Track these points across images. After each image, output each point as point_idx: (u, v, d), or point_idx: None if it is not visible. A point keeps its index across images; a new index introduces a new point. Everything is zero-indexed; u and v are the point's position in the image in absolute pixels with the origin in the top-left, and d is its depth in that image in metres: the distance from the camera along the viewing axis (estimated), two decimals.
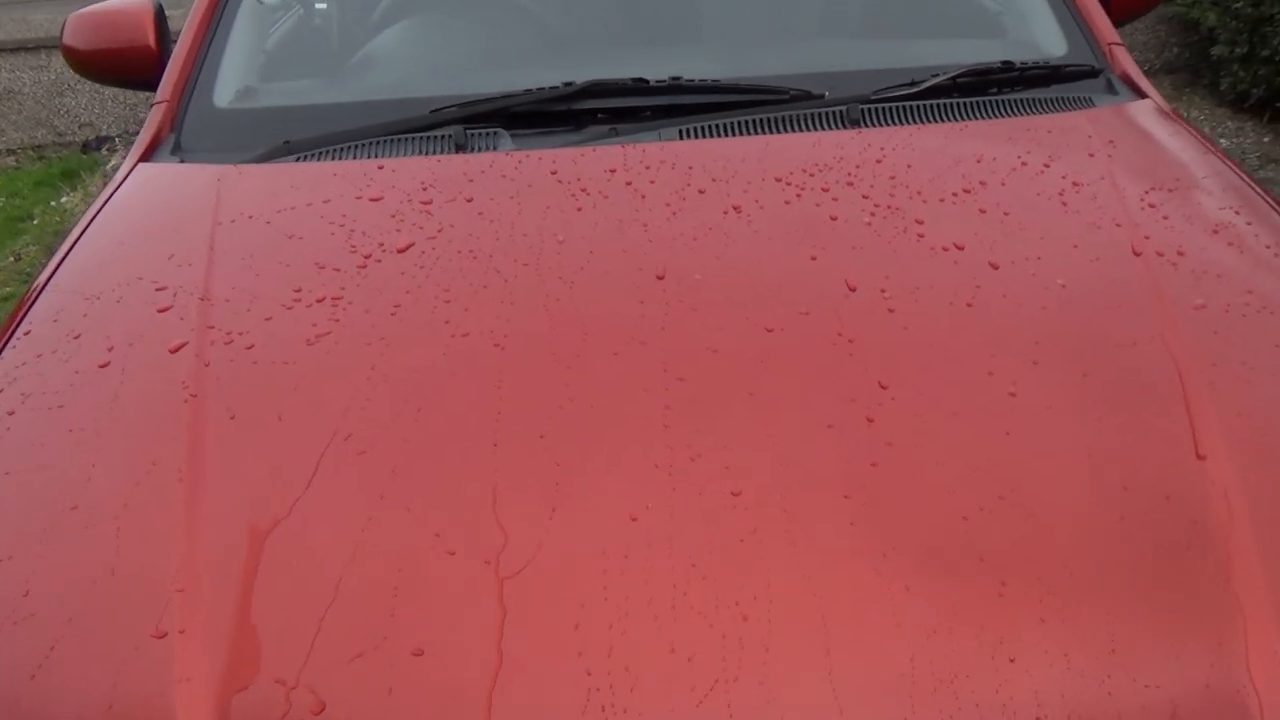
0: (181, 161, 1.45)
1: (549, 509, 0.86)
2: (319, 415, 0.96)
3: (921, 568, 0.81)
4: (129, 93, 4.61)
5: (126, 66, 1.78)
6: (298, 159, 1.40)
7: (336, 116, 1.47)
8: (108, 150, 4.95)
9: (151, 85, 1.69)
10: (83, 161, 4.82)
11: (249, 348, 1.05)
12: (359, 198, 1.29)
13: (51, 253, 1.33)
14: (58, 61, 4.93)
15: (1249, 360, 1.01)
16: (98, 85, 5.12)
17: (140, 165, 1.46)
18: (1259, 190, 1.33)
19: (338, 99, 1.60)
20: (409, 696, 0.75)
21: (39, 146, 5.05)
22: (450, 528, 0.85)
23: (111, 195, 1.40)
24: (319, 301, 1.11)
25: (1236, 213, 1.25)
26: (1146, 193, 1.26)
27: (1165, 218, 1.22)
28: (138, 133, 1.55)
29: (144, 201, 1.39)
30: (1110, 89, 1.57)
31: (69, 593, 0.83)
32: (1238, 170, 1.37)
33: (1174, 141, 1.42)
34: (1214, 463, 0.90)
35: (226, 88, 1.59)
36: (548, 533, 0.84)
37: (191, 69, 1.59)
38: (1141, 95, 1.56)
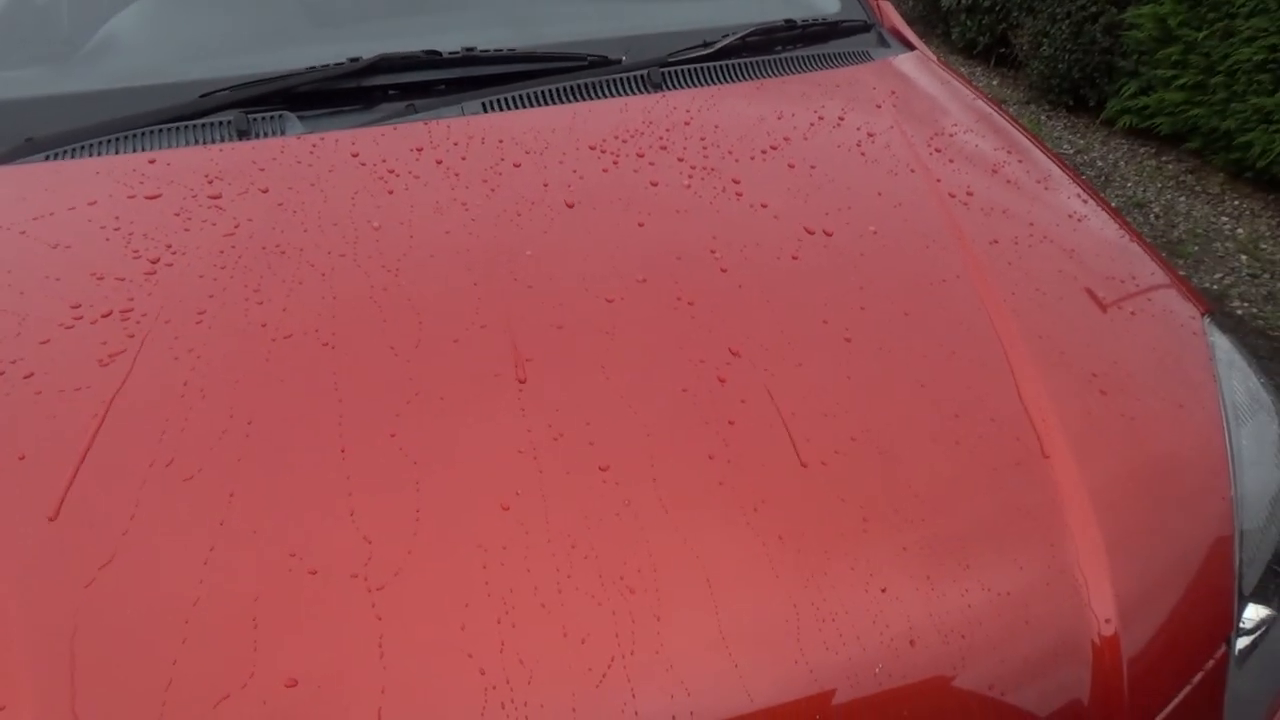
0: None
1: (413, 511, 0.81)
2: (130, 443, 0.86)
3: (790, 516, 0.83)
4: None
5: None
6: (46, 158, 1.23)
7: (85, 107, 1.30)
8: None
9: None
10: None
11: (27, 378, 0.92)
12: (132, 196, 1.15)
13: None
14: None
15: (1040, 287, 1.11)
16: None
17: None
18: (1022, 129, 1.46)
19: (84, 87, 1.42)
20: None
21: None
22: (307, 545, 0.79)
23: None
24: (105, 316, 0.98)
25: (1009, 152, 1.37)
26: (932, 138, 1.35)
27: (951, 161, 1.31)
28: None
29: None
30: (882, 42, 1.66)
31: None
32: (1002, 112, 1.50)
33: (946, 89, 1.53)
34: (1026, 381, 0.98)
35: None
36: (415, 535, 0.80)
37: None
38: (911, 47, 1.66)
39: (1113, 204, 3.74)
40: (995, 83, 4.97)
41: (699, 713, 0.73)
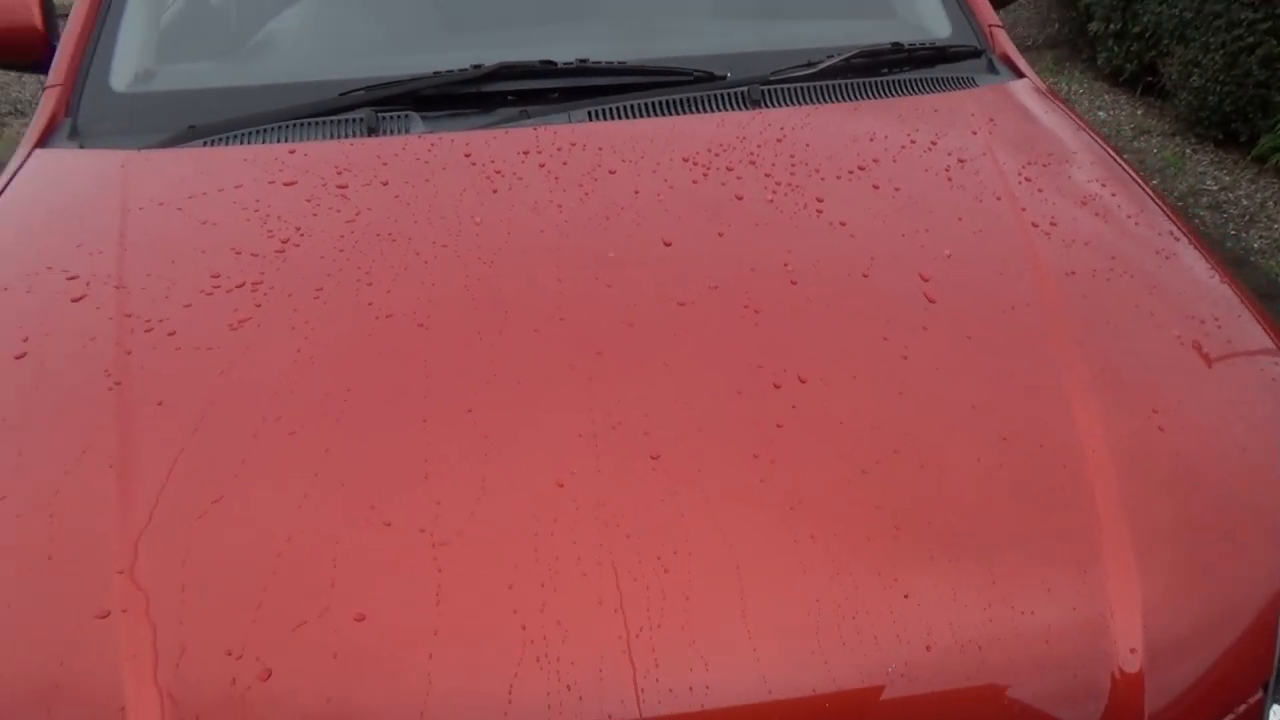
0: (81, 147, 1.43)
1: (479, 479, 0.90)
2: (248, 398, 0.98)
3: (824, 517, 0.88)
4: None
5: (10, 48, 1.72)
6: (205, 144, 1.39)
7: (241, 100, 1.47)
8: None
9: (41, 68, 1.64)
10: None
11: (170, 334, 1.06)
12: (272, 182, 1.29)
13: None
14: None
15: (1113, 320, 1.12)
16: None
17: (37, 151, 1.42)
18: (1123, 163, 1.45)
19: (242, 82, 1.59)
20: (353, 660, 0.79)
21: None
22: (385, 500, 0.89)
23: (9, 183, 1.36)
24: (239, 287, 1.12)
25: (1103, 185, 1.37)
26: (1024, 167, 1.37)
27: (1040, 191, 1.32)
28: (9, 113, 1.50)
29: (45, 189, 1.36)
30: (991, 69, 1.67)
31: (6, 580, 0.84)
32: (1105, 145, 1.49)
33: (1049, 119, 1.54)
34: (1082, 412, 1.00)
35: (123, 70, 1.56)
36: (479, 501, 0.89)
37: (85, 51, 1.56)
38: (1020, 75, 1.67)
39: (1256, 245, 3.57)
40: (1140, 112, 4.78)
41: (714, 687, 0.79)
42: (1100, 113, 4.81)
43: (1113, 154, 1.46)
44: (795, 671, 0.80)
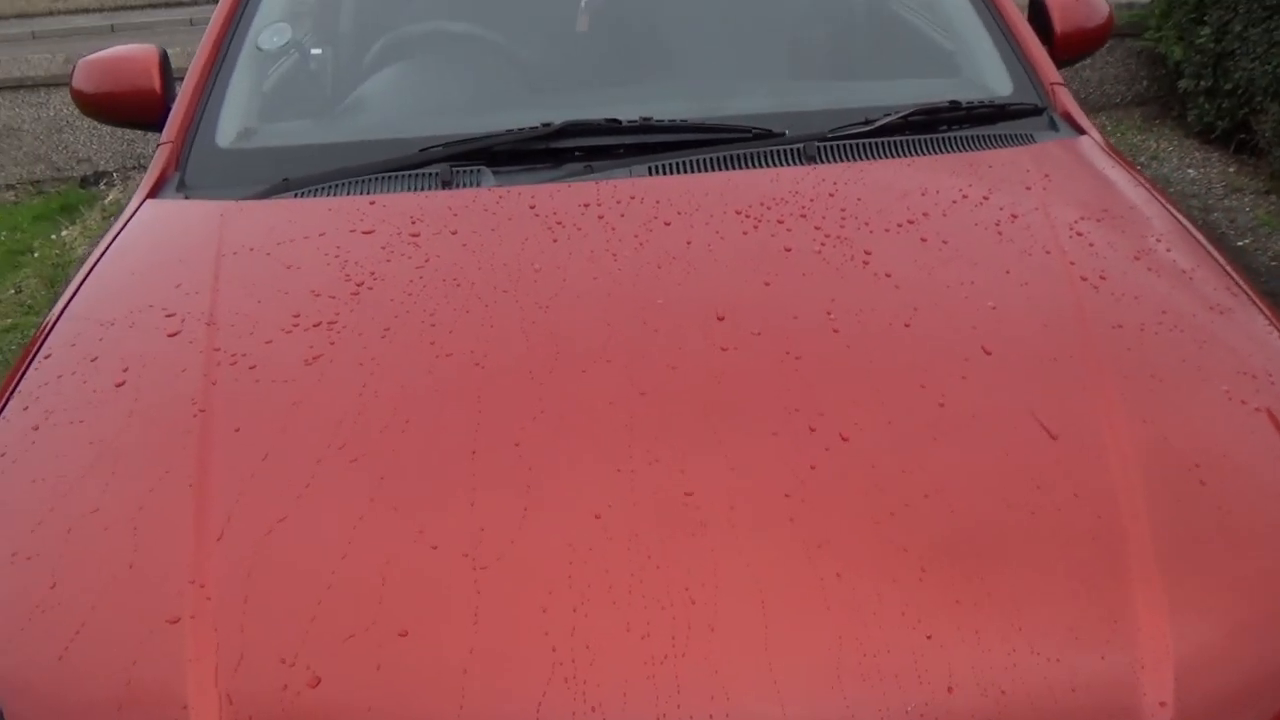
0: (187, 198, 1.56)
1: (521, 508, 0.96)
2: (315, 428, 1.06)
3: (851, 557, 0.91)
4: (126, 130, 4.73)
5: (132, 109, 1.89)
6: (296, 195, 1.51)
7: (331, 155, 1.58)
8: (105, 185, 5.06)
9: (155, 126, 1.81)
10: (81, 196, 4.92)
11: (251, 368, 1.16)
12: (353, 231, 1.39)
13: (56, 285, 1.43)
14: (57, 99, 5.05)
15: (1158, 374, 1.12)
16: (95, 123, 5.24)
17: (148, 201, 1.56)
18: (1182, 219, 1.45)
19: (332, 139, 1.72)
20: (395, 672, 0.85)
21: (38, 181, 5.15)
22: (433, 525, 0.95)
23: (121, 230, 1.50)
24: (315, 326, 1.21)
25: (1158, 240, 1.37)
26: (1076, 222, 1.38)
27: (1091, 245, 1.33)
28: (134, 168, 1.65)
29: (152, 235, 1.50)
30: (1052, 126, 1.69)
31: (91, 585, 0.93)
32: (1165, 201, 1.49)
33: (1107, 175, 1.54)
34: (1119, 465, 1.00)
35: (228, 129, 1.70)
36: (520, 529, 0.94)
37: (195, 111, 1.71)
38: (1081, 132, 1.68)
39: None
40: (1232, 170, 4.65)
41: (734, 715, 0.82)
42: (1190, 170, 4.70)
43: (1172, 209, 1.46)
44: (814, 706, 0.82)
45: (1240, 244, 3.91)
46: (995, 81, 1.78)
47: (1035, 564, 0.91)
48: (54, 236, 4.44)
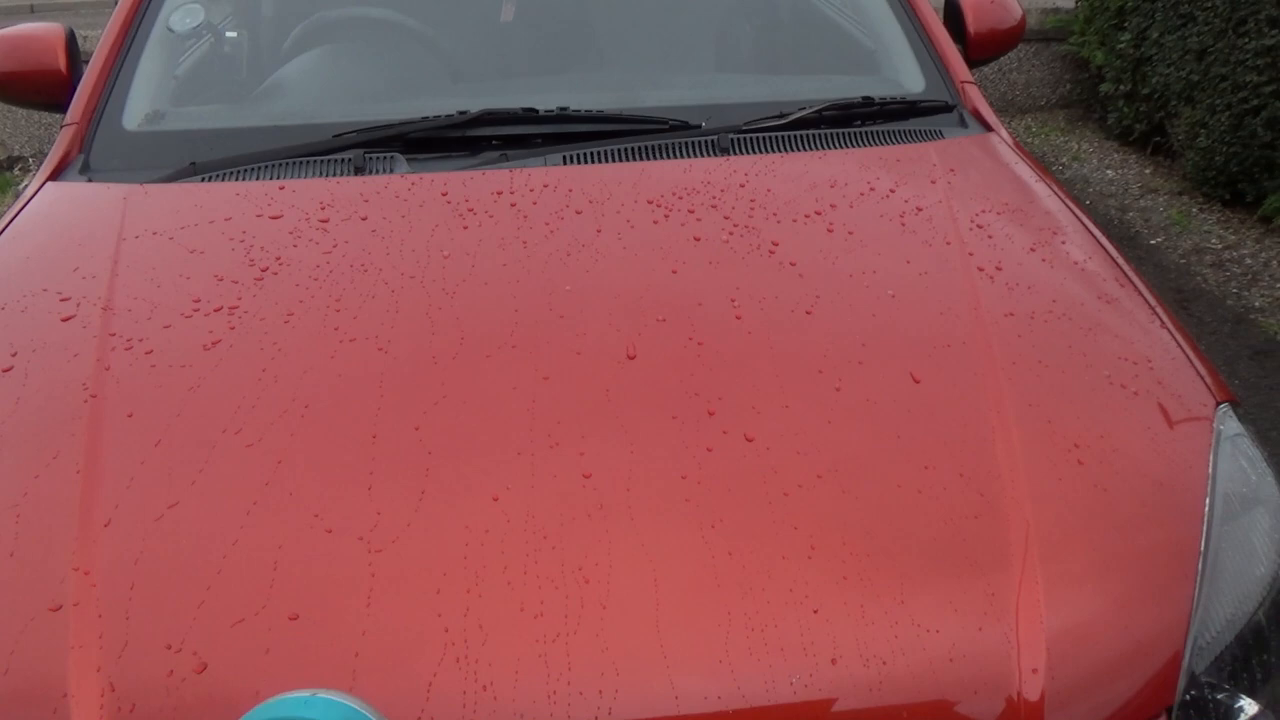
0: (89, 181, 1.52)
1: (419, 491, 0.96)
2: (212, 413, 1.05)
3: (743, 536, 0.92)
4: (43, 115, 4.58)
5: (37, 89, 1.83)
6: (203, 179, 1.48)
7: (242, 140, 1.56)
8: (20, 170, 4.89)
9: (62, 107, 1.75)
10: None
11: (148, 353, 1.13)
12: (260, 216, 1.37)
13: None
14: None
15: (1045, 359, 1.16)
16: (9, 107, 5.05)
17: (49, 184, 1.52)
18: (1079, 213, 1.50)
19: (244, 123, 1.68)
20: (284, 656, 0.84)
21: None
22: (329, 509, 0.94)
23: (19, 213, 1.46)
24: (216, 311, 1.19)
25: (1054, 233, 1.42)
26: (977, 215, 1.42)
27: (990, 237, 1.37)
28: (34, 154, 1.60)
29: (51, 218, 1.45)
30: (961, 123, 1.73)
31: None
32: (1065, 196, 1.54)
33: (1010, 170, 1.59)
34: (1003, 446, 1.04)
35: (136, 111, 1.66)
36: (416, 511, 0.94)
37: (102, 92, 1.66)
38: (989, 129, 1.73)
39: (1258, 303, 3.57)
40: (1149, 171, 4.82)
41: (624, 691, 0.83)
42: (1109, 171, 4.86)
43: (1070, 204, 1.51)
44: (703, 679, 0.84)
45: (1153, 242, 4.06)
46: (908, 79, 1.83)
47: (920, 541, 0.94)
48: None
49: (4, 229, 1.41)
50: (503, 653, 0.84)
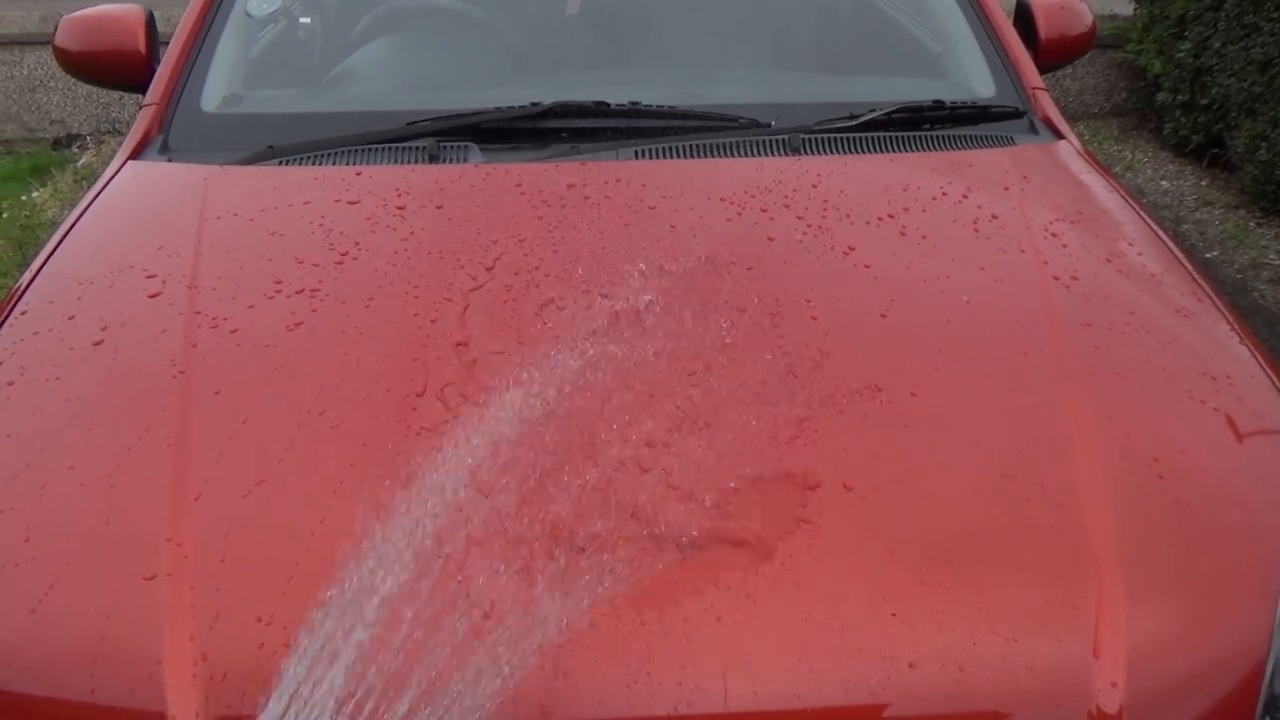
0: (169, 161, 1.55)
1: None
2: (297, 393, 1.07)
3: (822, 538, 0.93)
4: (100, 92, 4.64)
5: (116, 69, 1.87)
6: (280, 163, 1.50)
7: (318, 125, 1.58)
8: (78, 148, 4.98)
9: (139, 88, 1.79)
10: (52, 158, 4.83)
11: (233, 332, 1.16)
12: (338, 201, 1.39)
13: (25, 247, 1.41)
14: (31, 58, 4.95)
15: (1123, 371, 1.15)
16: (70, 83, 5.13)
17: (130, 163, 1.55)
18: (1154, 225, 1.48)
19: (319, 108, 1.71)
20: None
21: (8, 141, 5.05)
22: (399, 501, 0.96)
23: (102, 190, 1.49)
24: (298, 293, 1.21)
25: (1129, 244, 1.40)
26: (1051, 224, 1.41)
27: (1065, 246, 1.36)
28: (108, 132, 1.63)
29: (134, 197, 1.49)
30: (1032, 129, 1.72)
31: (66, 540, 0.93)
32: (1137, 207, 1.53)
33: (1083, 179, 1.58)
34: (1083, 458, 1.03)
35: (214, 93, 1.69)
36: (493, 490, 0.95)
37: (181, 74, 1.69)
38: (1060, 136, 1.71)
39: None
40: (1204, 184, 4.73)
41: (703, 685, 0.84)
42: (1164, 182, 4.78)
43: (1144, 215, 1.49)
44: (784, 680, 0.85)
45: (1209, 256, 3.99)
46: (979, 83, 1.81)
47: (999, 550, 0.94)
48: (24, 198, 4.36)
49: (88, 206, 1.44)
50: (584, 640, 0.85)
